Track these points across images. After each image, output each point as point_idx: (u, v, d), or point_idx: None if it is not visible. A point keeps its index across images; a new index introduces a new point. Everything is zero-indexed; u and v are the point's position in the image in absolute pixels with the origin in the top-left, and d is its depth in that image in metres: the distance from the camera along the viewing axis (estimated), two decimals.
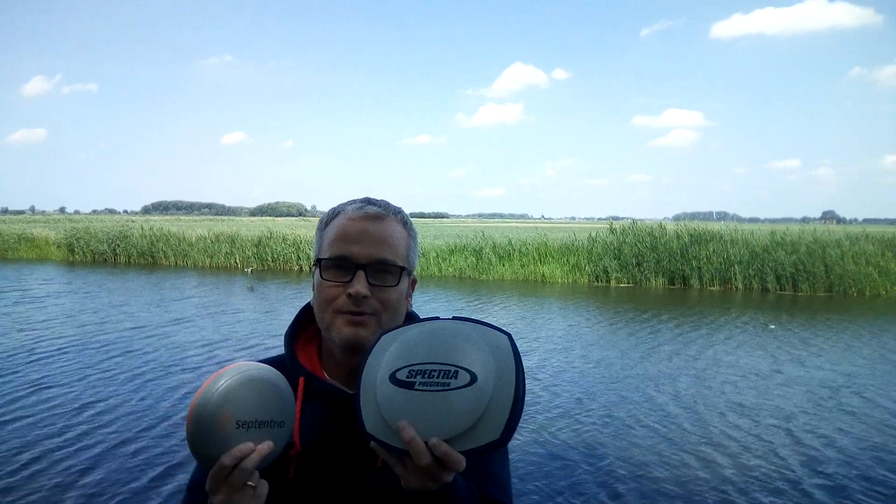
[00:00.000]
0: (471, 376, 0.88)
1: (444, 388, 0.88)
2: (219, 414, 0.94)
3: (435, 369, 0.90)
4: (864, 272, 17.73)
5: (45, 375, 7.36)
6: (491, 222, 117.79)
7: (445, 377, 0.89)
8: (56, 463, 4.88)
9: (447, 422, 0.87)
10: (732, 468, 5.08)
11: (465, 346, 0.91)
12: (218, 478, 0.92)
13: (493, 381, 0.88)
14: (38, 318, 11.52)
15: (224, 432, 0.94)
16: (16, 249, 27.30)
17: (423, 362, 0.91)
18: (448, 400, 0.87)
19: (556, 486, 4.70)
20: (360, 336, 1.06)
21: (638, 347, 9.85)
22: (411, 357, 0.92)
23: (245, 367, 1.00)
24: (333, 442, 1.08)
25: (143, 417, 6.01)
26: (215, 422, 0.94)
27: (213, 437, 0.94)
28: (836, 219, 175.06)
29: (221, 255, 24.21)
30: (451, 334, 0.93)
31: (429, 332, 0.94)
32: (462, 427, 0.86)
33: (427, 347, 0.92)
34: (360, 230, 1.09)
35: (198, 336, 10.03)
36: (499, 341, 0.92)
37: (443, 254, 22.03)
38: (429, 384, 0.89)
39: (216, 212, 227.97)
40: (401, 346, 0.94)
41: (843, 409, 6.74)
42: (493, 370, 0.88)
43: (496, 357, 0.90)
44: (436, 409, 0.87)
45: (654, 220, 24.31)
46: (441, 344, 0.92)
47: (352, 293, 1.05)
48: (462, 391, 0.87)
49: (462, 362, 0.89)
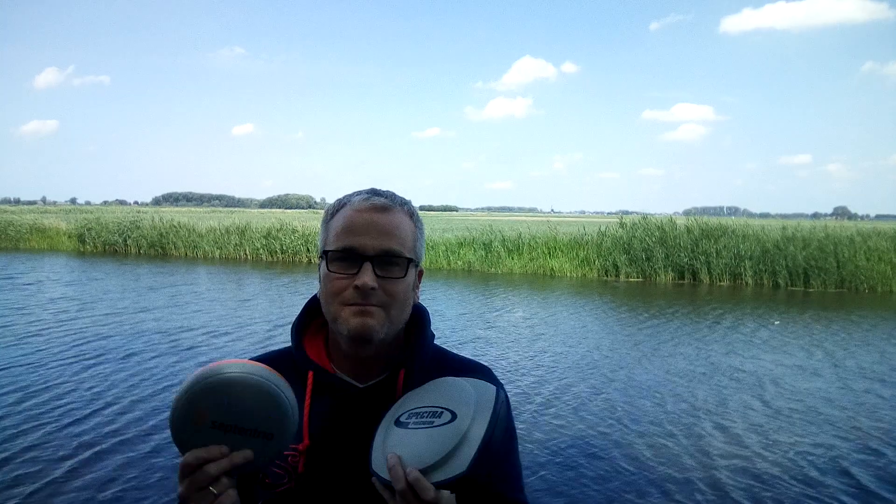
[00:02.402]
0: (451, 415, 0.98)
1: (429, 426, 0.98)
2: (194, 408, 0.91)
3: (426, 411, 1.01)
4: (877, 269, 17.57)
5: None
6: (500, 216, 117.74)
7: (432, 416, 1.00)
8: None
9: (423, 454, 0.95)
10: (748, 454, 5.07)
11: (456, 392, 1.03)
12: (183, 471, 0.91)
13: (469, 421, 0.97)
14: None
15: (196, 428, 0.91)
16: (28, 240, 27.50)
17: (421, 406, 1.03)
18: (428, 435, 0.97)
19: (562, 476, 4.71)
20: (367, 325, 1.05)
21: (645, 343, 9.82)
22: (414, 403, 1.04)
23: (241, 367, 0.94)
24: (342, 435, 1.08)
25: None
26: (189, 415, 0.91)
27: (185, 431, 0.91)
28: (847, 215, 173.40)
29: (231, 246, 24.30)
30: (449, 385, 1.06)
31: (433, 385, 1.08)
32: (434, 458, 0.94)
33: (427, 395, 1.05)
34: (367, 222, 1.08)
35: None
36: (486, 390, 1.04)
37: (452, 247, 22.00)
38: (419, 423, 1.00)
39: (226, 203, 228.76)
40: (412, 395, 1.07)
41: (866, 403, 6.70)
42: (472, 412, 0.98)
43: (479, 402, 1.00)
44: (417, 443, 0.96)
45: (665, 215, 24.14)
46: (438, 391, 1.05)
47: (359, 285, 1.04)
48: (441, 427, 0.97)
49: (447, 404, 1.01)
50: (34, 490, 4.29)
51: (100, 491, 4.30)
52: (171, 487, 4.34)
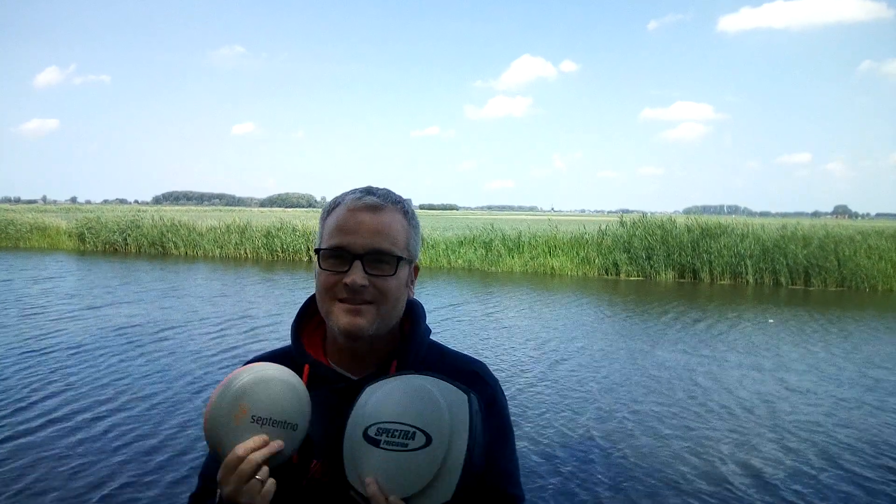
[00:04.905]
0: (426, 438, 0.95)
1: (403, 449, 0.96)
2: (237, 405, 1.00)
3: (397, 429, 0.97)
4: (878, 267, 17.57)
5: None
6: (501, 214, 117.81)
7: (405, 437, 0.96)
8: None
9: (404, 482, 0.94)
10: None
11: (426, 407, 0.98)
12: (228, 467, 0.97)
13: (446, 445, 0.95)
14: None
15: (239, 424, 1.00)
16: (28, 239, 27.51)
17: (390, 421, 0.98)
18: (405, 460, 0.95)
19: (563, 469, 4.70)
20: (356, 325, 1.09)
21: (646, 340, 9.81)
22: (381, 415, 0.99)
23: (268, 367, 1.05)
24: (336, 426, 1.10)
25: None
26: (232, 413, 1.00)
27: (227, 428, 0.99)
28: (848, 213, 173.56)
29: (231, 245, 24.32)
30: (416, 394, 1.00)
31: (398, 390, 1.01)
32: (416, 487, 0.94)
33: (394, 406, 0.99)
34: (358, 221, 1.12)
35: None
36: (458, 400, 0.99)
37: (452, 245, 22.00)
38: (391, 444, 0.97)
39: (227, 202, 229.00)
40: (376, 401, 1.01)
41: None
42: (447, 434, 0.96)
43: (452, 420, 0.97)
44: (395, 468, 0.95)
45: (665, 214, 24.17)
46: (405, 403, 0.99)
47: (348, 283, 1.08)
48: (417, 453, 0.95)
49: (420, 423, 0.97)
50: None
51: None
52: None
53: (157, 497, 4.26)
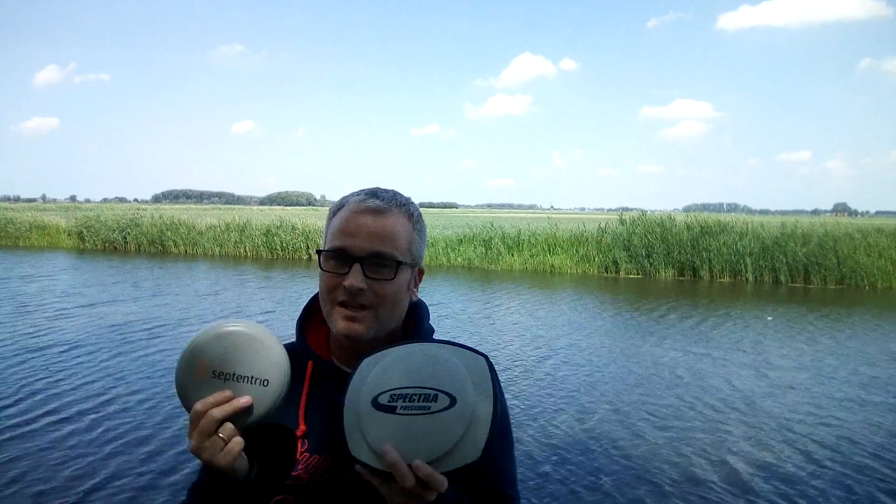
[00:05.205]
0: (450, 399, 0.91)
1: (426, 412, 0.91)
2: (195, 360, 1.00)
3: (416, 393, 0.93)
4: (877, 265, 17.57)
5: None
6: (500, 212, 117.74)
7: (426, 401, 0.92)
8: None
9: (429, 444, 0.90)
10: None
11: (444, 369, 0.94)
12: (191, 422, 0.98)
13: (472, 404, 0.91)
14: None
15: (199, 379, 0.99)
16: (27, 237, 27.49)
17: (405, 386, 0.93)
18: (429, 423, 0.91)
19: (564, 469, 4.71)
20: (353, 330, 1.09)
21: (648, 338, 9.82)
22: (393, 381, 0.94)
23: (232, 323, 1.04)
24: (338, 422, 1.09)
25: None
26: (192, 369, 1.00)
27: (189, 384, 1.00)
28: (847, 211, 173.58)
29: (231, 243, 24.32)
30: (431, 358, 0.96)
31: (408, 357, 0.97)
32: (443, 449, 0.90)
33: (407, 372, 0.95)
34: (359, 224, 1.11)
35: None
36: (476, 364, 0.96)
37: (452, 244, 22.01)
38: (410, 408, 0.92)
39: (226, 201, 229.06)
40: (382, 370, 0.96)
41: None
42: (471, 393, 0.92)
43: (474, 380, 0.94)
44: (418, 433, 0.91)
45: (665, 212, 24.20)
46: (421, 368, 0.95)
47: (346, 286, 1.08)
48: (442, 414, 0.91)
49: (442, 386, 0.93)
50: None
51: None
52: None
53: (145, 485, 4.31)
